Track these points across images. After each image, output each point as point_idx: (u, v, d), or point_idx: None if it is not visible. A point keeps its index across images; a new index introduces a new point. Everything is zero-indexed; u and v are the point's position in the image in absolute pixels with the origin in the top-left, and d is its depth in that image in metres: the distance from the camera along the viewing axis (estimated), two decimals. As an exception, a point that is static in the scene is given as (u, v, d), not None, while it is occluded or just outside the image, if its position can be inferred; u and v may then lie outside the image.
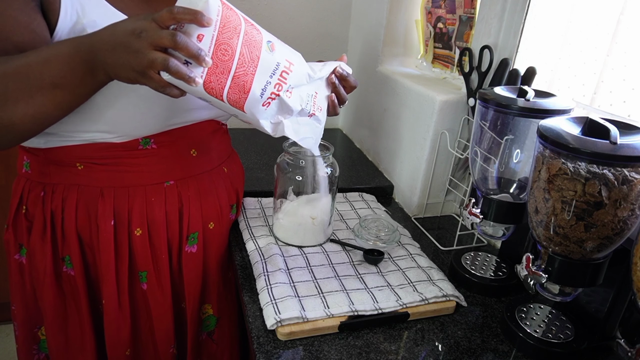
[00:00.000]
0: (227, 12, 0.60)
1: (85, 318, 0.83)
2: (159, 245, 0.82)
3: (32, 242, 0.79)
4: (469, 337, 0.74)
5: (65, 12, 0.66)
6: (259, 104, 0.67)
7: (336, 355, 0.68)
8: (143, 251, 0.81)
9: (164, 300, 0.85)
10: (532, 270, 0.65)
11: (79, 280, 0.80)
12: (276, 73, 0.67)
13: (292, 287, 0.78)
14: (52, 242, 0.79)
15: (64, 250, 0.80)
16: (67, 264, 0.81)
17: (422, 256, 0.90)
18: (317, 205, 0.89)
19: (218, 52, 0.60)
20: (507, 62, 0.91)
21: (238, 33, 0.61)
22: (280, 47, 0.68)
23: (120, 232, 0.79)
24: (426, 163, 1.06)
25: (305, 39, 1.52)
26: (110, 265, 0.79)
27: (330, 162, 0.89)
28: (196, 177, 0.85)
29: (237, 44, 0.61)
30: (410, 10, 1.29)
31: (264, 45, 0.65)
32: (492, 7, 0.95)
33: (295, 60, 0.70)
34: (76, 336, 0.84)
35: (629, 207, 0.56)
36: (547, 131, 0.59)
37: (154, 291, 0.84)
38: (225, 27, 0.60)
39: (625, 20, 0.75)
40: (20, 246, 0.82)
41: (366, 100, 1.40)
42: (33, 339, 0.88)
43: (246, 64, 0.63)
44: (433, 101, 1.02)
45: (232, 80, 0.62)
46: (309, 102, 0.74)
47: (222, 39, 0.60)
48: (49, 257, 0.79)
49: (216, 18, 0.58)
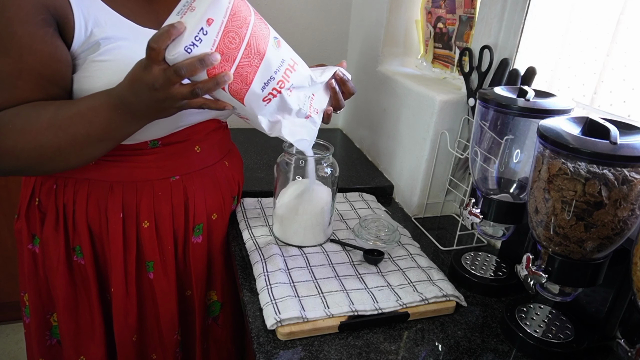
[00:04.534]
0: (239, 2, 0.60)
1: (95, 305, 0.86)
2: (165, 237, 0.86)
3: (45, 232, 0.82)
4: (469, 337, 0.74)
5: (80, 29, 0.68)
6: (259, 98, 0.67)
7: (336, 355, 0.68)
8: (150, 242, 0.85)
9: (169, 288, 0.89)
10: (532, 270, 0.65)
11: (89, 269, 0.84)
12: (280, 70, 0.67)
13: (292, 287, 0.78)
14: (64, 233, 0.82)
15: (75, 240, 0.83)
16: (78, 254, 0.84)
17: (422, 256, 0.90)
18: (312, 196, 0.89)
19: (225, 39, 0.60)
20: (507, 62, 0.91)
21: (247, 24, 0.62)
22: (286, 46, 0.69)
23: (128, 224, 0.83)
24: (426, 163, 1.06)
25: (305, 39, 1.52)
26: (119, 256, 0.83)
27: (330, 162, 0.89)
28: (200, 172, 0.89)
29: (245, 34, 0.61)
30: (410, 10, 1.29)
31: (271, 40, 0.65)
32: (492, 7, 0.95)
33: (299, 61, 0.71)
34: (86, 322, 0.88)
35: (629, 207, 0.56)
36: (547, 131, 0.59)
37: (160, 280, 0.88)
38: (235, 15, 0.60)
39: (625, 20, 0.75)
40: (33, 236, 0.85)
41: (366, 100, 1.40)
42: (46, 325, 0.91)
43: (252, 56, 0.63)
44: (433, 101, 1.02)
45: (236, 69, 0.62)
46: (306, 103, 0.74)
47: (231, 27, 0.60)
48: (62, 247, 0.82)
49: (227, 5, 0.59)
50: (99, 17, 0.69)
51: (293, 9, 1.48)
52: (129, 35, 0.71)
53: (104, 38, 0.69)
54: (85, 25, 0.68)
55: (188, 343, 0.98)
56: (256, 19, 0.63)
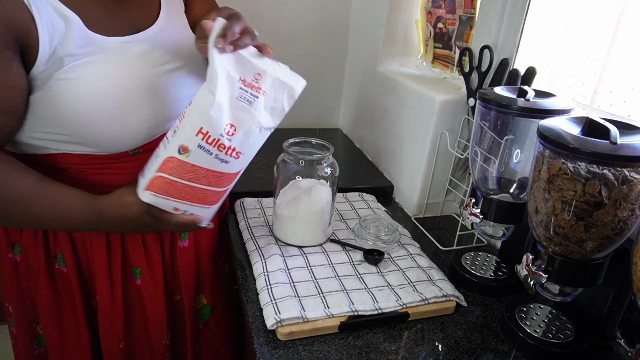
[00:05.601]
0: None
1: (79, 313, 0.85)
2: (151, 242, 0.85)
3: (24, 241, 0.81)
4: (469, 337, 0.74)
5: (44, 45, 0.65)
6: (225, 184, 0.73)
7: (336, 355, 0.68)
8: (136, 248, 0.84)
9: (157, 294, 0.88)
10: (532, 270, 0.65)
11: (72, 277, 0.82)
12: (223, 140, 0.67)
13: (292, 287, 0.78)
14: (44, 241, 0.81)
15: (56, 248, 0.81)
16: (60, 262, 0.82)
17: (422, 256, 0.90)
18: (311, 196, 0.88)
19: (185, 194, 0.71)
20: (507, 62, 0.91)
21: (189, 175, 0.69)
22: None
23: (112, 232, 0.81)
24: (426, 163, 1.06)
25: (305, 39, 1.52)
26: (103, 264, 0.82)
27: (330, 162, 0.89)
28: None
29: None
30: (410, 10, 1.29)
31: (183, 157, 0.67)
32: (492, 7, 0.95)
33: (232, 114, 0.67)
34: (71, 330, 0.86)
35: (629, 207, 0.56)
36: (547, 131, 0.59)
37: (148, 286, 0.87)
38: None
39: (625, 20, 0.75)
40: (13, 244, 0.83)
41: (366, 100, 1.40)
42: (32, 334, 0.90)
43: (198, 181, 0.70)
44: (433, 101, 1.02)
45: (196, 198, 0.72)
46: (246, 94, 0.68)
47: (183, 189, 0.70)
48: (42, 255, 0.81)
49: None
50: (63, 32, 0.66)
51: (293, 9, 1.48)
52: (95, 51, 0.69)
53: (67, 55, 0.66)
54: (50, 41, 0.65)
55: (178, 348, 0.96)
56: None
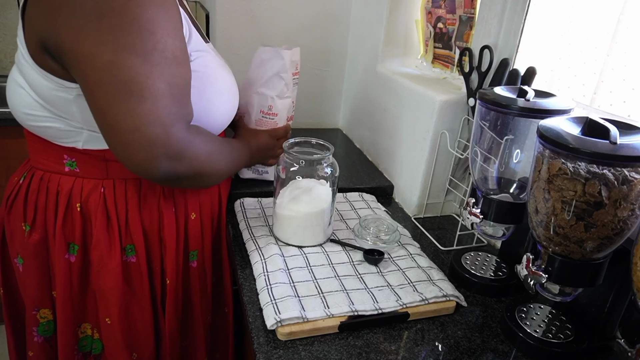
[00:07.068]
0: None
1: (146, 300, 0.89)
2: (207, 225, 0.95)
3: (95, 236, 0.82)
4: (469, 337, 0.74)
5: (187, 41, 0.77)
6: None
7: (336, 355, 0.68)
8: (195, 233, 0.92)
9: (207, 275, 0.98)
10: (532, 270, 0.65)
11: (142, 266, 0.86)
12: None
13: (292, 287, 0.78)
14: (119, 233, 0.83)
15: (126, 239, 0.85)
16: (128, 252, 0.86)
17: (422, 256, 0.90)
18: (312, 196, 0.89)
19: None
20: (507, 62, 0.91)
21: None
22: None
23: (179, 217, 0.89)
24: (426, 163, 1.06)
25: (305, 40, 1.52)
26: (173, 250, 0.88)
27: (330, 162, 0.89)
28: None
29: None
30: (410, 10, 1.28)
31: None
32: (492, 7, 0.95)
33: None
34: (138, 318, 0.90)
35: (629, 207, 0.56)
36: (547, 131, 0.59)
37: (200, 268, 0.96)
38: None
39: (625, 20, 0.75)
40: (68, 245, 0.83)
41: (366, 100, 1.40)
42: (75, 338, 0.89)
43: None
44: (433, 101, 1.02)
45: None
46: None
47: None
48: (117, 248, 0.83)
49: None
50: (187, 30, 0.77)
51: (293, 9, 1.48)
52: (203, 47, 0.81)
53: (192, 51, 0.77)
54: (188, 36, 0.77)
55: (217, 325, 1.06)
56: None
